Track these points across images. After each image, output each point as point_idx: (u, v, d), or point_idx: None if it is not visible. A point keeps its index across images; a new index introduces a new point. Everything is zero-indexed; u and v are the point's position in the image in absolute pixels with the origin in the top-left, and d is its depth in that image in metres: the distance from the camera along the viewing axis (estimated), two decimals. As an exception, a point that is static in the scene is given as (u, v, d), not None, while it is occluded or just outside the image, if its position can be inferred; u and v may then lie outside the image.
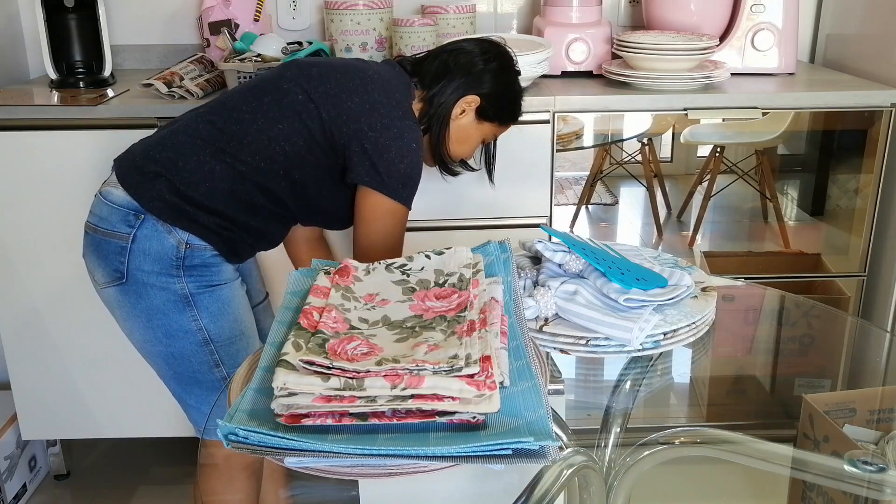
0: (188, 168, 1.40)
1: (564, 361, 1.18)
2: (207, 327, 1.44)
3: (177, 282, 1.40)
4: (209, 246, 1.42)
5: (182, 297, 1.41)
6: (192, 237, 1.40)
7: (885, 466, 1.10)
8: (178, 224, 1.39)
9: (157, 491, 2.22)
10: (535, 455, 0.75)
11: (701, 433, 1.21)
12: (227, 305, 1.46)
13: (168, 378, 1.50)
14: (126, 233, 1.39)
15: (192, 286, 1.41)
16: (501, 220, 1.97)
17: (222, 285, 1.45)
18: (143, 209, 1.39)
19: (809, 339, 1.56)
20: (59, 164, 1.92)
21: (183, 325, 1.42)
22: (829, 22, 2.36)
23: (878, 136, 1.97)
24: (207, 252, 1.42)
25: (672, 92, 1.95)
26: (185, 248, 1.40)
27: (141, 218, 1.39)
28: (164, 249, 1.39)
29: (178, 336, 1.43)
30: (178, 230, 1.39)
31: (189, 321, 1.42)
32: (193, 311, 1.42)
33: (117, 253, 1.39)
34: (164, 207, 1.39)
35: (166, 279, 1.40)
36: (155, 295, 1.40)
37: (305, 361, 0.80)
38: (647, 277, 1.12)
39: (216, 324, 1.44)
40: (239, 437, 0.77)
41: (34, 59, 2.35)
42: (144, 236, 1.38)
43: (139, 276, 1.39)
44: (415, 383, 0.78)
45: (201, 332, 1.43)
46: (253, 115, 1.42)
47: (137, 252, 1.39)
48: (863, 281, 2.09)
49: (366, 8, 2.12)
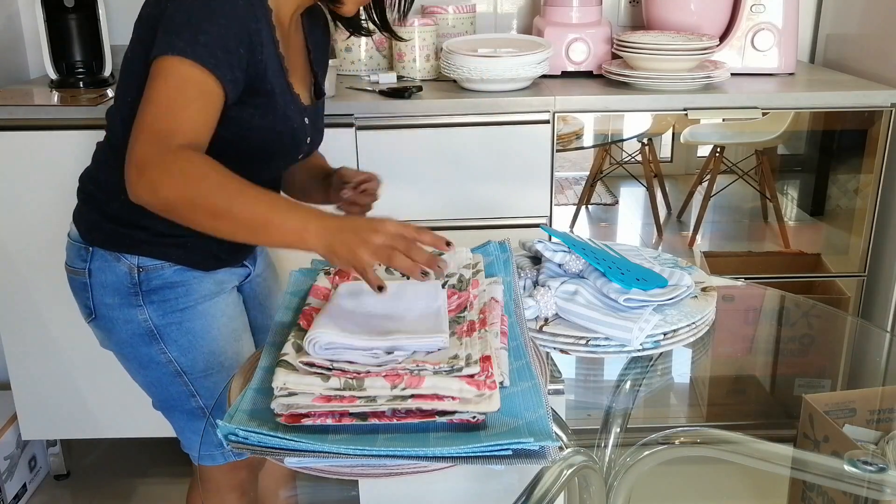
0: (103, 187, 1.29)
1: (564, 361, 1.18)
2: (178, 360, 1.32)
3: (139, 312, 1.29)
4: (165, 262, 1.28)
5: (146, 331, 1.30)
6: (141, 259, 1.27)
7: (885, 466, 1.10)
8: (121, 249, 1.27)
9: (157, 491, 2.22)
10: (535, 455, 0.75)
11: (701, 433, 1.22)
12: (200, 338, 1.31)
13: (153, 403, 1.45)
14: (82, 268, 1.32)
15: (156, 316, 1.29)
16: (501, 220, 1.97)
17: (193, 310, 1.30)
18: (84, 242, 1.31)
19: (809, 339, 1.56)
20: (59, 164, 1.92)
21: (153, 357, 1.32)
22: (829, 22, 2.36)
23: (878, 136, 1.97)
24: (166, 269, 1.28)
25: (672, 92, 1.95)
26: (139, 273, 1.27)
27: (90, 251, 1.30)
28: (118, 279, 1.28)
29: (151, 367, 1.34)
30: (126, 255, 1.27)
31: (158, 354, 1.31)
32: (160, 345, 1.31)
33: (82, 290, 1.33)
34: (102, 236, 1.29)
35: (128, 311, 1.29)
36: (121, 329, 1.31)
37: (306, 362, 0.80)
38: (647, 277, 1.12)
39: (187, 357, 1.32)
40: (239, 437, 0.77)
41: (34, 59, 2.35)
42: (98, 269, 1.29)
43: (104, 311, 1.31)
44: (415, 383, 0.78)
45: (171, 364, 1.32)
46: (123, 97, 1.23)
47: (97, 286, 1.30)
48: (863, 281, 2.09)
49: (366, 8, 2.12)
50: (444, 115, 1.90)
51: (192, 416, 1.39)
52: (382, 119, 1.89)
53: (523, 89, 1.98)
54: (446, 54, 1.98)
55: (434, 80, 2.12)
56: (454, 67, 1.95)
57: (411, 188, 1.93)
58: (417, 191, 1.94)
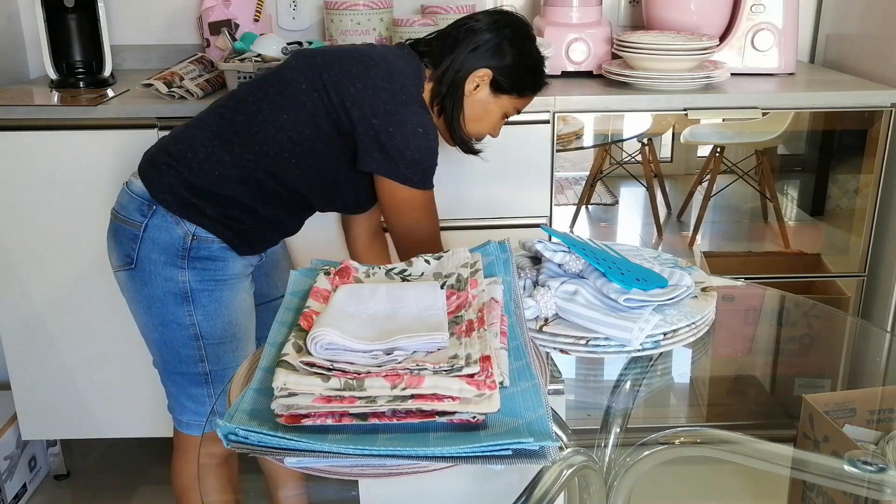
0: (197, 159, 1.42)
1: (564, 361, 1.18)
2: (200, 324, 1.45)
3: (180, 274, 1.42)
4: (216, 238, 1.43)
5: (182, 292, 1.43)
6: (198, 229, 1.42)
7: (885, 466, 1.10)
8: (185, 216, 1.41)
9: (157, 491, 2.22)
10: (535, 455, 0.75)
11: (701, 433, 1.22)
12: (225, 307, 1.47)
13: (157, 363, 1.54)
14: (139, 221, 1.42)
15: (195, 280, 1.43)
16: (501, 220, 1.97)
17: (225, 283, 1.46)
18: (153, 200, 1.42)
19: (809, 339, 1.56)
20: (59, 164, 1.92)
21: (178, 317, 1.45)
22: (829, 22, 2.36)
23: (878, 136, 1.97)
24: (215, 244, 1.43)
25: (672, 92, 1.95)
26: (192, 240, 1.41)
27: (153, 208, 1.42)
28: (171, 240, 1.41)
29: (171, 326, 1.46)
30: (186, 222, 1.41)
31: (184, 315, 1.45)
32: (190, 307, 1.44)
33: (130, 240, 1.43)
34: (173, 199, 1.41)
35: (171, 270, 1.42)
36: (158, 284, 1.43)
37: (306, 363, 0.80)
38: (647, 278, 1.12)
39: (209, 322, 1.46)
40: (239, 436, 0.77)
41: (34, 59, 2.35)
42: (155, 226, 1.41)
43: (146, 265, 1.42)
44: (415, 383, 0.78)
45: (194, 327, 1.45)
46: (258, 106, 1.43)
47: (148, 241, 1.42)
48: (863, 281, 2.09)
49: (366, 8, 2.12)
50: (444, 115, 1.90)
51: (191, 382, 1.51)
52: (382, 119, 1.89)
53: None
54: (446, 54, 1.97)
55: (434, 80, 2.12)
56: (454, 67, 1.95)
57: (411, 188, 1.93)
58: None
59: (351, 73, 1.42)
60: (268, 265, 1.62)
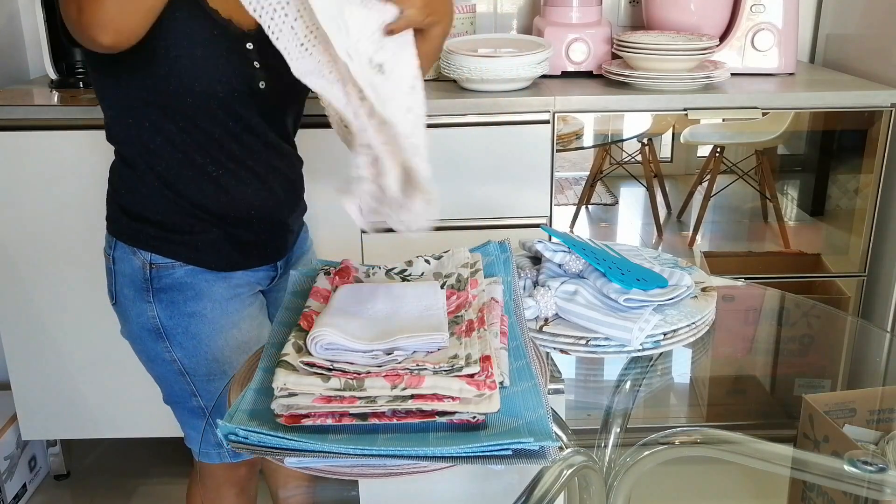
0: (113, 179, 1.31)
1: (564, 361, 1.18)
2: (182, 361, 1.31)
3: (149, 309, 1.28)
4: (175, 262, 1.26)
5: (154, 328, 1.29)
6: (153, 255, 1.26)
7: (885, 466, 1.10)
8: (135, 244, 1.27)
9: (157, 491, 2.22)
10: (535, 455, 0.75)
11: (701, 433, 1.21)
12: (205, 344, 1.30)
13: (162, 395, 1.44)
14: (109, 254, 1.31)
15: (164, 316, 1.28)
16: (501, 220, 1.97)
17: (201, 317, 1.28)
18: (109, 232, 1.31)
19: (809, 339, 1.56)
20: (59, 164, 1.92)
21: (159, 353, 1.32)
22: (829, 22, 2.36)
23: (878, 136, 1.97)
24: (178, 269, 1.26)
25: (672, 92, 1.95)
26: (151, 269, 1.26)
27: (114, 240, 1.30)
28: (133, 272, 1.28)
29: (156, 362, 1.34)
30: (140, 251, 1.27)
31: (163, 351, 1.31)
32: (166, 343, 1.30)
33: (109, 274, 1.33)
34: (119, 228, 1.28)
35: (141, 304, 1.29)
36: (133, 320, 1.31)
37: (306, 363, 0.80)
38: (647, 278, 1.12)
39: (191, 360, 1.31)
40: (239, 437, 0.77)
41: (34, 59, 2.35)
42: (119, 258, 1.29)
43: (122, 300, 1.31)
44: (415, 383, 0.78)
45: (175, 363, 1.32)
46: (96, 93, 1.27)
47: (119, 275, 1.30)
48: (863, 281, 2.09)
49: (366, 8, 2.12)
50: (444, 115, 1.90)
51: (193, 414, 1.39)
52: (382, 119, 1.89)
53: (523, 89, 1.98)
54: (446, 54, 1.98)
55: (434, 80, 2.12)
56: (454, 67, 1.95)
57: (411, 188, 1.93)
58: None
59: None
60: None
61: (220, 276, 1.29)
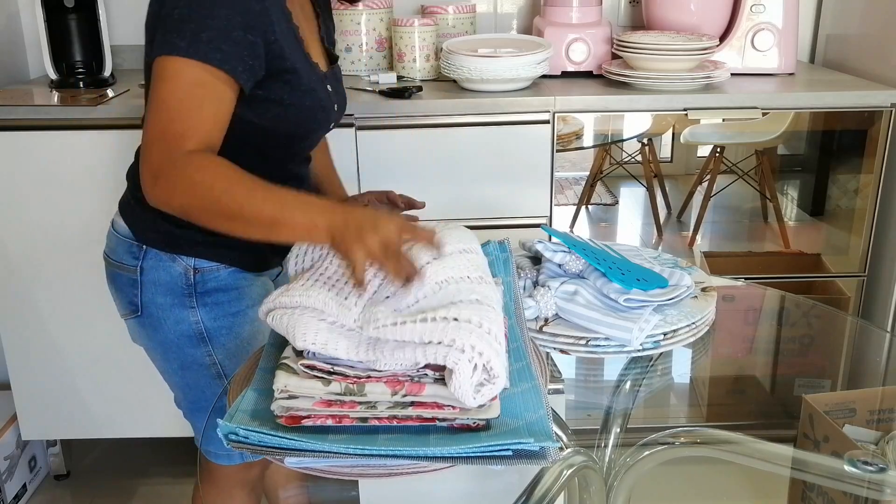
0: None
1: (564, 361, 1.18)
2: (222, 363, 1.33)
3: (192, 314, 1.29)
4: (220, 264, 1.28)
5: (196, 333, 1.30)
6: (198, 261, 1.27)
7: (885, 466, 1.10)
8: (178, 250, 1.27)
9: (157, 491, 2.22)
10: (536, 456, 0.75)
11: (701, 433, 1.21)
12: (248, 343, 1.32)
13: (182, 403, 1.44)
14: (133, 265, 1.29)
15: (209, 319, 1.29)
16: (501, 220, 1.97)
17: (244, 315, 1.31)
18: (139, 241, 1.28)
19: (809, 339, 1.56)
20: (59, 164, 1.92)
21: (197, 359, 1.32)
22: (829, 22, 2.36)
23: (878, 136, 1.97)
24: (222, 272, 1.29)
25: (672, 92, 1.95)
26: (195, 274, 1.27)
27: (143, 249, 1.28)
28: (172, 279, 1.27)
29: (192, 368, 1.33)
30: (182, 257, 1.27)
31: (204, 356, 1.32)
32: (208, 347, 1.31)
33: (130, 286, 1.30)
34: (158, 238, 1.27)
35: (181, 311, 1.28)
36: (170, 328, 1.30)
37: (306, 365, 0.80)
38: (647, 278, 1.12)
39: (232, 360, 1.33)
40: (239, 436, 0.77)
41: (34, 59, 2.35)
42: (151, 268, 1.28)
43: (153, 310, 1.29)
44: (415, 390, 0.78)
45: (216, 366, 1.33)
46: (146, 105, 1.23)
47: (149, 284, 1.28)
48: (863, 281, 2.09)
49: (366, 8, 2.12)
50: (444, 115, 1.90)
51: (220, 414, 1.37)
52: (382, 119, 1.89)
53: (523, 89, 1.98)
54: (446, 54, 1.98)
55: (434, 80, 2.12)
56: (454, 67, 1.95)
57: (411, 188, 1.92)
58: (417, 191, 1.94)
59: None
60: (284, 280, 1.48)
61: (255, 276, 1.34)
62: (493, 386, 0.77)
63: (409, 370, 0.79)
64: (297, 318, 0.82)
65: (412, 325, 0.78)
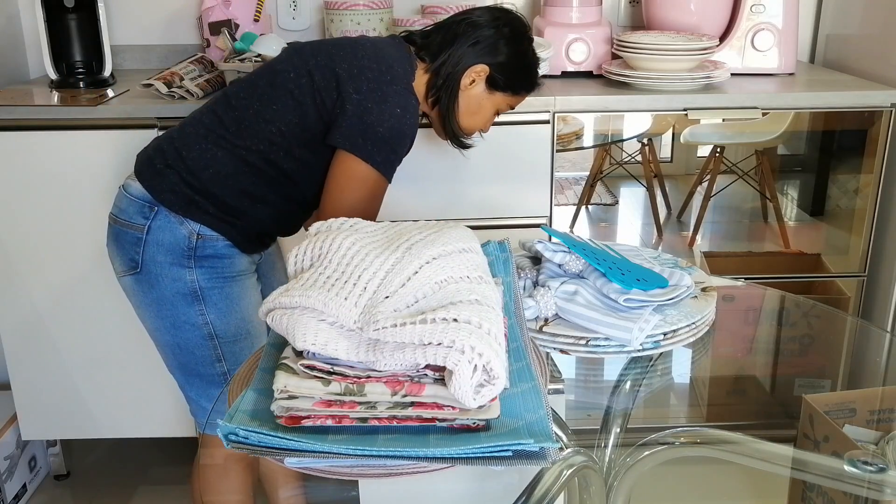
0: (192, 157, 1.42)
1: (564, 362, 1.18)
2: (213, 322, 1.45)
3: (188, 273, 1.42)
4: (220, 236, 1.43)
5: (192, 291, 1.43)
6: (203, 227, 1.42)
7: (885, 466, 1.10)
8: (188, 215, 1.41)
9: (157, 491, 2.22)
10: (535, 457, 0.75)
11: (701, 433, 1.21)
12: (236, 304, 1.47)
13: (173, 367, 1.52)
14: (141, 224, 1.42)
15: (203, 279, 1.43)
16: (501, 220, 1.97)
17: (234, 280, 1.47)
18: (155, 201, 1.42)
19: (809, 339, 1.56)
20: (59, 164, 1.92)
21: (190, 317, 1.44)
22: (829, 22, 2.36)
23: (878, 136, 1.97)
24: (220, 242, 1.43)
25: (672, 92, 1.95)
26: (197, 239, 1.42)
27: (155, 210, 1.42)
28: (176, 240, 1.41)
29: (184, 328, 1.45)
30: (190, 221, 1.41)
31: (196, 315, 1.44)
32: (201, 306, 1.44)
33: (133, 243, 1.42)
34: (175, 199, 1.41)
35: (178, 270, 1.42)
36: (166, 286, 1.43)
37: (306, 365, 0.80)
38: (647, 278, 1.12)
39: (223, 320, 1.46)
40: (239, 437, 0.77)
41: (34, 59, 2.35)
42: (158, 227, 1.41)
43: (152, 267, 1.42)
44: (415, 391, 0.78)
45: (207, 326, 1.45)
46: (249, 100, 1.43)
47: (152, 243, 1.42)
48: (863, 281, 2.09)
49: (366, 8, 2.12)
50: (444, 115, 1.90)
51: (210, 383, 1.50)
52: (382, 119, 1.89)
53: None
54: (446, 54, 1.97)
55: (434, 80, 2.12)
56: (454, 67, 1.95)
57: (411, 188, 1.93)
58: (417, 191, 1.95)
59: (338, 55, 1.41)
60: (264, 266, 1.62)
61: (243, 254, 1.49)
62: (493, 387, 0.77)
63: (409, 370, 0.79)
64: (296, 319, 0.82)
65: (412, 327, 0.78)
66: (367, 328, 0.80)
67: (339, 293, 0.85)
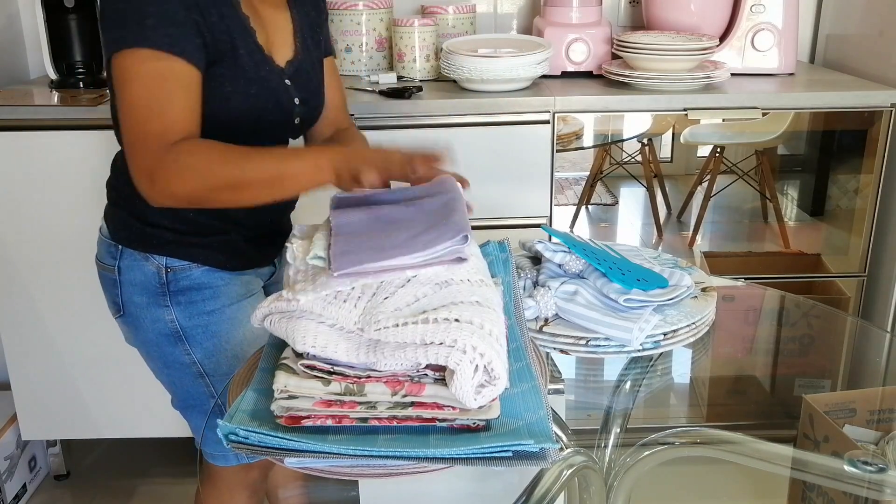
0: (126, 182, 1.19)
1: (564, 362, 1.18)
2: (202, 362, 1.32)
3: (166, 313, 1.28)
4: (192, 263, 1.27)
5: (173, 332, 1.29)
6: (169, 259, 1.27)
7: (885, 466, 1.10)
8: (149, 249, 1.27)
9: (157, 491, 2.22)
10: (536, 457, 0.75)
11: (701, 433, 1.21)
12: (225, 342, 1.31)
13: (173, 401, 1.44)
14: (111, 265, 1.30)
15: (183, 318, 1.28)
16: (501, 220, 1.97)
17: (220, 314, 1.30)
18: (115, 240, 1.29)
19: (809, 339, 1.56)
20: (59, 164, 1.92)
21: (177, 357, 1.32)
22: (829, 22, 2.36)
23: (878, 136, 1.97)
24: (195, 270, 1.28)
25: (672, 92, 1.95)
26: (167, 273, 1.27)
27: (119, 248, 1.29)
28: (146, 278, 1.27)
29: (174, 367, 1.34)
30: (154, 256, 1.27)
31: (182, 355, 1.31)
32: (185, 346, 1.30)
33: (112, 286, 1.31)
34: (130, 235, 1.28)
35: (156, 310, 1.28)
36: (148, 328, 1.30)
37: (306, 365, 0.80)
38: (647, 278, 1.12)
39: (211, 360, 1.32)
40: (239, 437, 0.77)
41: (34, 59, 2.35)
42: (127, 267, 1.28)
43: (132, 309, 1.30)
44: (416, 391, 0.77)
45: (195, 365, 1.32)
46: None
47: (127, 284, 1.29)
48: (863, 281, 2.09)
49: (366, 8, 2.12)
50: (444, 116, 1.90)
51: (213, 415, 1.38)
52: (382, 119, 1.89)
53: (523, 89, 1.98)
54: (446, 54, 1.98)
55: (434, 80, 2.12)
56: (454, 67, 1.95)
57: (411, 188, 1.93)
58: (417, 191, 1.94)
59: None
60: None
61: (234, 275, 1.32)
62: (494, 387, 0.77)
63: (409, 370, 0.79)
64: (296, 321, 0.82)
65: (414, 326, 0.78)
66: (369, 328, 0.80)
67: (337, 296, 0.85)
